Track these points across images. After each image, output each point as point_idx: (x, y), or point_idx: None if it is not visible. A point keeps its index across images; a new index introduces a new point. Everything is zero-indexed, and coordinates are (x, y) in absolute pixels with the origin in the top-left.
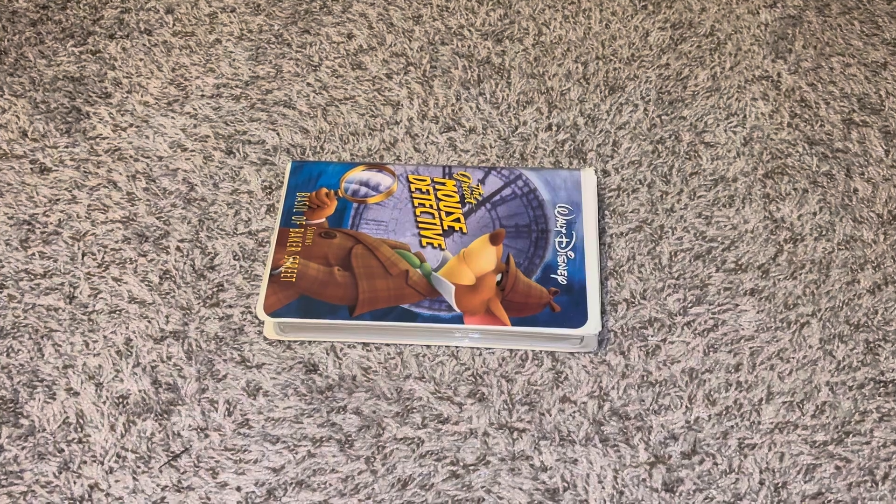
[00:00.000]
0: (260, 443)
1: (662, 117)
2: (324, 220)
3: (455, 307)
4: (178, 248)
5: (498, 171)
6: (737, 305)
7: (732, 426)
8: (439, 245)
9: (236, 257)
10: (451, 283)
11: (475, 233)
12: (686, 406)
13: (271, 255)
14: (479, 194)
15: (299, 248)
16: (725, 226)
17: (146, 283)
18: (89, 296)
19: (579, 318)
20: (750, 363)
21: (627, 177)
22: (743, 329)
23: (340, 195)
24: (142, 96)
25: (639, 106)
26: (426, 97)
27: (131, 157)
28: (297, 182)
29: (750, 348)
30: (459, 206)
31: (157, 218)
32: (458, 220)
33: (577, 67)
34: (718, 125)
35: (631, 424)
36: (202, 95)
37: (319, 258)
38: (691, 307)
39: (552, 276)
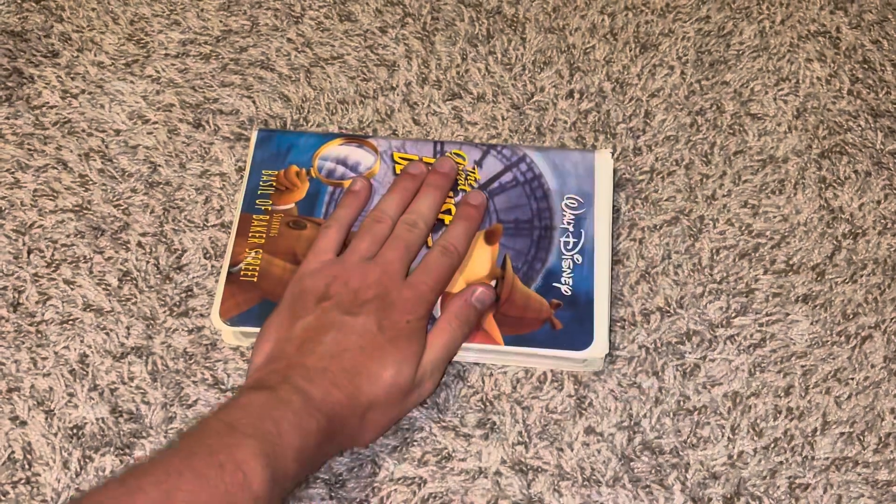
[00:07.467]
0: None
1: (702, 82)
2: (293, 205)
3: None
4: (139, 244)
5: (498, 151)
6: (787, 315)
7: (781, 462)
8: (426, 243)
9: (207, 255)
10: None
11: None
12: (728, 438)
13: (230, 248)
14: (476, 179)
15: (263, 240)
16: (775, 217)
17: (103, 286)
18: (37, 302)
19: (584, 338)
20: (802, 385)
21: (662, 156)
22: (794, 344)
23: (313, 175)
24: (95, 55)
25: (675, 68)
26: (427, 56)
27: (84, 130)
28: (264, 156)
29: (802, 367)
30: (452, 194)
31: (115, 206)
32: (448, 211)
33: (602, 20)
34: (767, 93)
35: (665, 461)
36: (166, 54)
37: (286, 253)
38: (735, 317)
39: (555, 284)
